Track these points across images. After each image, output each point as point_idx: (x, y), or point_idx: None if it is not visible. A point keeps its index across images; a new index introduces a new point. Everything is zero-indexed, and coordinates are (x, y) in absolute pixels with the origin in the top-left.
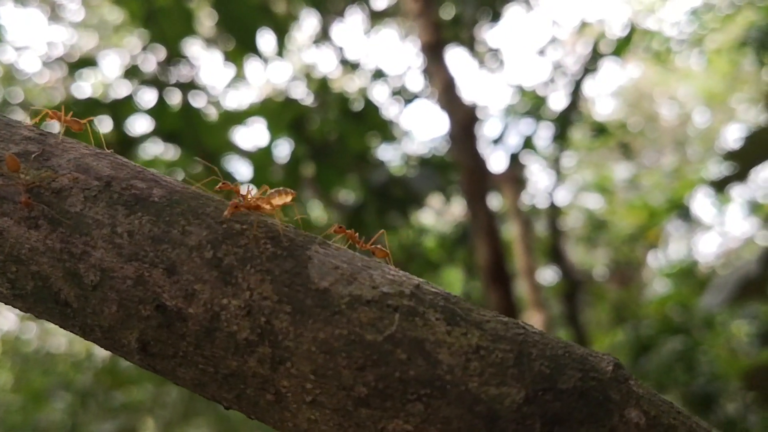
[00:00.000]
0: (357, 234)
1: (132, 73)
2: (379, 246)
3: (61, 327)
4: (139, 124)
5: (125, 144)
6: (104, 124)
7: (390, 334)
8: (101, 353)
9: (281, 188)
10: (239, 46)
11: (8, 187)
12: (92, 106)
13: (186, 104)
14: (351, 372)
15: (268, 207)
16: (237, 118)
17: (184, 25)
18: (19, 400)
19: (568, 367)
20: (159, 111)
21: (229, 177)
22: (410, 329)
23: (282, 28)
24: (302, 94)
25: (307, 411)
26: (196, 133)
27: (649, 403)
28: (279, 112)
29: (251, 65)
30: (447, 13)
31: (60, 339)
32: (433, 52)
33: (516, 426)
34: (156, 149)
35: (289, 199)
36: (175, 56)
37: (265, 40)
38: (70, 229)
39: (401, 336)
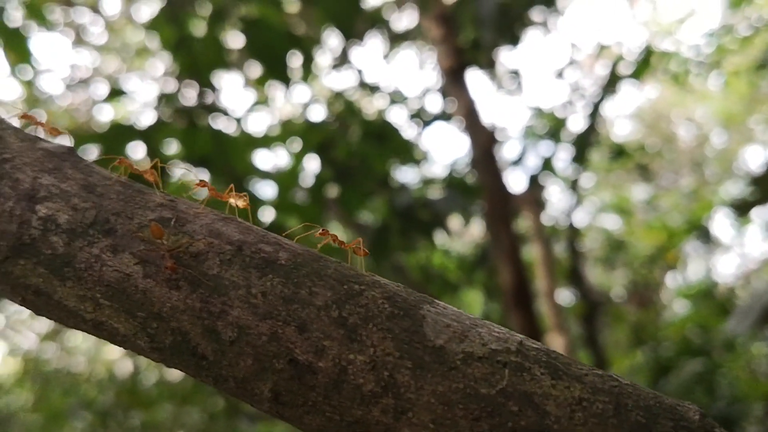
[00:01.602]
0: (338, 237)
1: (165, 99)
2: (361, 248)
3: (193, 376)
4: (170, 149)
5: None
6: (137, 150)
7: (502, 387)
8: (121, 373)
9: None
10: (267, 72)
11: (150, 252)
12: (126, 133)
13: (216, 129)
14: (467, 422)
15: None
16: (264, 141)
17: (216, 54)
18: (40, 419)
19: (660, 416)
20: (190, 136)
21: (256, 200)
22: (519, 383)
23: (308, 54)
24: (322, 116)
25: None
26: (226, 157)
27: None
28: (304, 135)
29: (277, 90)
30: (465, 36)
31: (79, 358)
32: (455, 77)
33: None
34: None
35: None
36: (205, 85)
37: (293, 65)
38: (209, 290)
39: (512, 389)
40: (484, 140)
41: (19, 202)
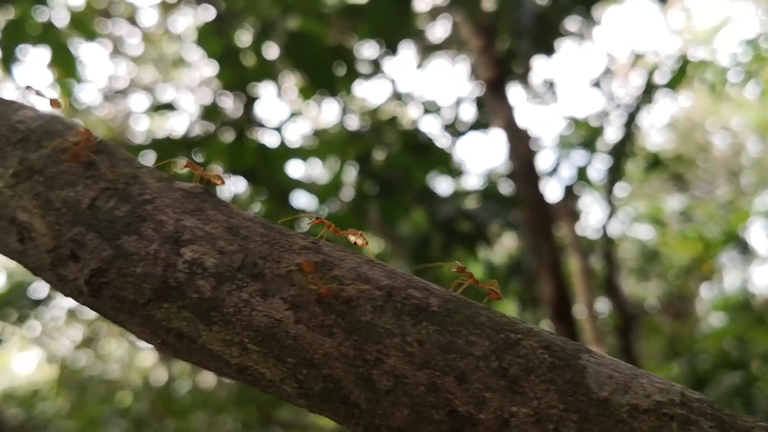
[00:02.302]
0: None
1: (212, 112)
2: (360, 233)
3: (339, 423)
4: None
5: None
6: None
7: None
8: (156, 381)
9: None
10: (313, 84)
11: (301, 296)
12: (175, 145)
13: (261, 143)
14: None
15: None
16: (304, 153)
17: (263, 67)
18: (76, 426)
19: None
20: (236, 149)
21: (298, 212)
22: None
23: (352, 66)
24: (359, 126)
25: None
26: (271, 170)
27: None
28: (344, 147)
29: (320, 101)
30: (500, 46)
31: (114, 366)
32: (495, 88)
33: None
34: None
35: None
36: (251, 97)
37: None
38: (362, 337)
39: None
40: (524, 152)
41: (164, 244)
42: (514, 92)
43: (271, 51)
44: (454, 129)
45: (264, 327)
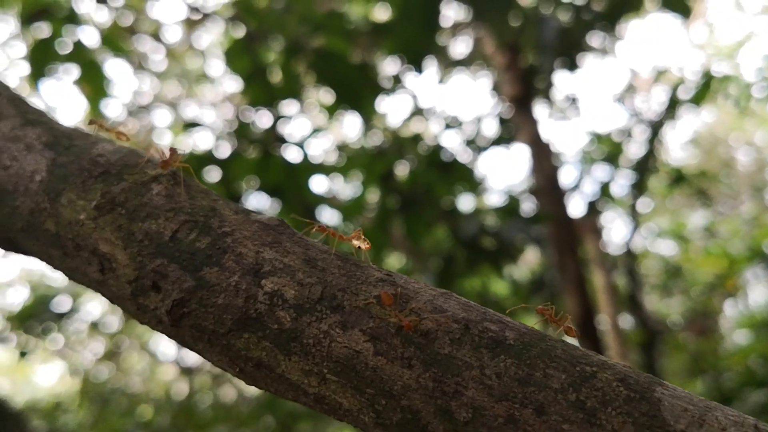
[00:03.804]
0: (337, 231)
1: (241, 130)
2: (363, 238)
3: None
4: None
5: (232, 197)
6: (213, 175)
7: None
8: (178, 394)
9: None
10: (338, 102)
11: (380, 328)
12: (203, 160)
13: (288, 160)
14: None
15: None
16: (329, 170)
17: (291, 85)
18: None
19: None
20: (264, 166)
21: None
22: None
23: (377, 84)
24: (382, 142)
25: None
26: (298, 187)
27: None
28: (369, 164)
29: (345, 117)
30: (523, 61)
31: (135, 379)
32: (520, 105)
33: None
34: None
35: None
36: (278, 115)
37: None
38: (442, 369)
39: None
40: (548, 168)
41: (244, 276)
42: (538, 108)
43: (298, 68)
44: (475, 144)
45: (343, 358)
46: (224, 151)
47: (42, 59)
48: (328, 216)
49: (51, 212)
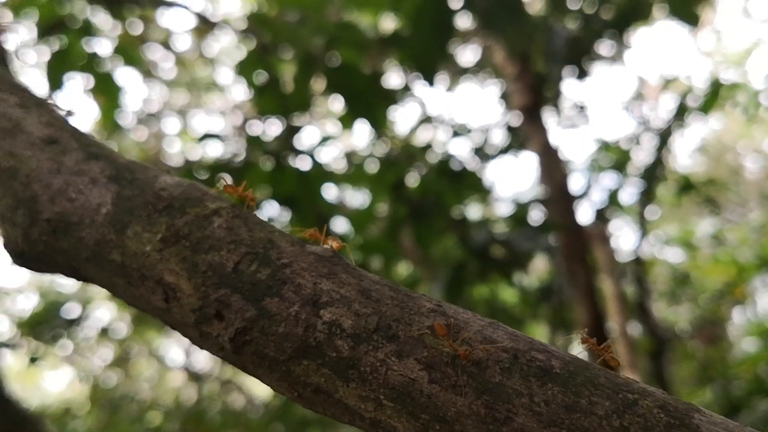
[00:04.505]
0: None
1: (254, 141)
2: (335, 239)
3: None
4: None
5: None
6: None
7: None
8: (187, 401)
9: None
10: (352, 113)
11: (434, 357)
12: (217, 170)
13: (301, 170)
14: None
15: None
16: (340, 179)
17: (304, 96)
18: None
19: None
20: (278, 176)
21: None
22: None
23: (390, 95)
24: (388, 150)
25: None
26: (312, 196)
27: None
28: (380, 173)
29: (360, 129)
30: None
31: (144, 385)
32: (531, 114)
33: None
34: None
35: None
36: (291, 126)
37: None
38: (493, 397)
39: None
40: (558, 176)
41: (304, 306)
42: (548, 117)
43: (311, 79)
44: (483, 153)
45: (399, 385)
46: (235, 159)
47: (59, 70)
48: (341, 225)
49: (117, 243)
